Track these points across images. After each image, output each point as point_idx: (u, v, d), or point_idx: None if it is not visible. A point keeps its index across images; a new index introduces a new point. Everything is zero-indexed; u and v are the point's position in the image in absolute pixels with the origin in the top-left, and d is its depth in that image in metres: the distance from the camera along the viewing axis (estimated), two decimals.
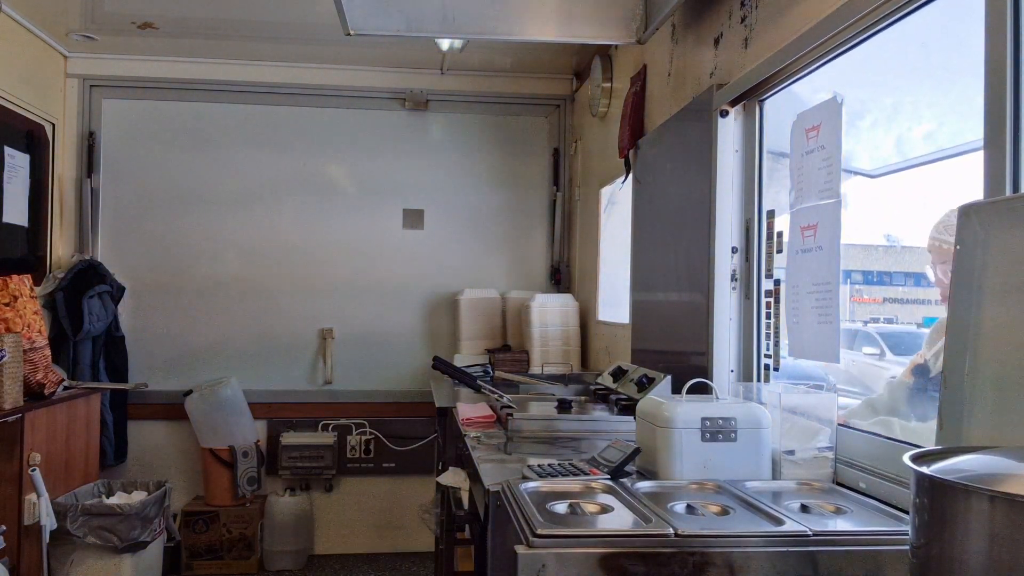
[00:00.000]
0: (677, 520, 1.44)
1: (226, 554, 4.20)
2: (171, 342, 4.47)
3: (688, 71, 2.78)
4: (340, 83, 4.58)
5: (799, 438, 1.85)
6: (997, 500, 0.87)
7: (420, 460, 4.58)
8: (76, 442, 3.73)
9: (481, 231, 4.69)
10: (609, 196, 3.92)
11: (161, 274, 4.47)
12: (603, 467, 1.84)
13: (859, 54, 1.86)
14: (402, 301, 4.63)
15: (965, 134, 1.57)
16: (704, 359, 2.42)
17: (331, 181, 4.59)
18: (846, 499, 1.65)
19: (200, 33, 4.11)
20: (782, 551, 1.36)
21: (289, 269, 4.55)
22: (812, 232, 1.91)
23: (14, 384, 3.21)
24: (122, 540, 3.47)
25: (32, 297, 3.54)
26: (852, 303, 2.48)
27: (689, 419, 1.82)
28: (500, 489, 1.70)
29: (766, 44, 2.17)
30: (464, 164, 4.68)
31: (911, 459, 1.01)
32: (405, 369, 4.61)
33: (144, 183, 4.47)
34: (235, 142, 4.53)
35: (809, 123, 1.93)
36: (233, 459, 4.20)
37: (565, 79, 4.72)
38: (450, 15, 2.87)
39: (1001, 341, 1.21)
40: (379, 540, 4.61)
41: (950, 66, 1.80)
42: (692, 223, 2.56)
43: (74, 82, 4.40)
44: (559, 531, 1.37)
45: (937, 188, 1.91)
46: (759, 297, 2.30)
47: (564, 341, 4.09)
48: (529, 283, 4.67)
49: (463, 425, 2.59)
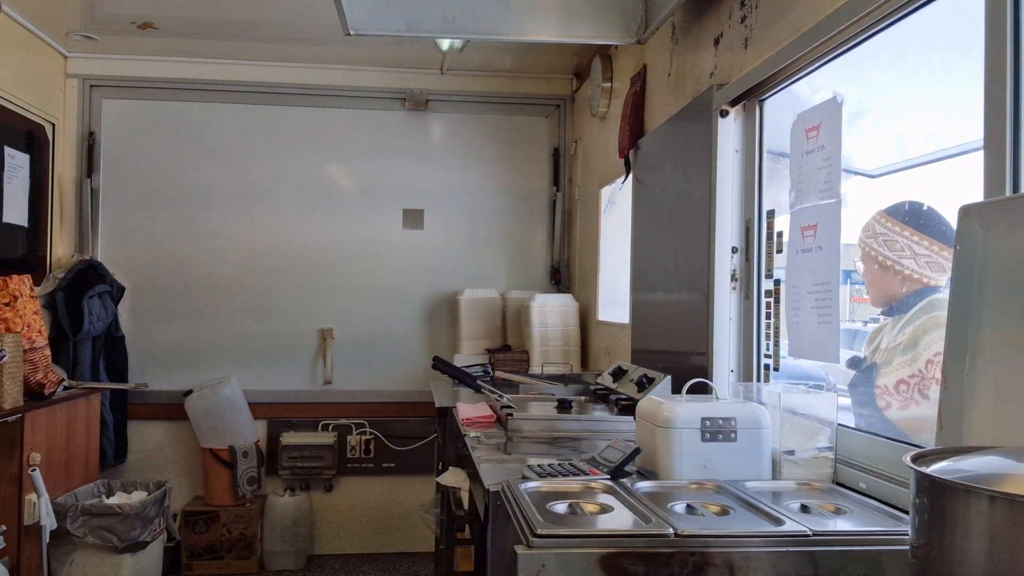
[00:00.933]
0: (677, 520, 1.44)
1: (226, 554, 4.20)
2: (171, 342, 4.47)
3: (688, 71, 2.78)
4: (340, 83, 4.58)
5: (799, 438, 1.85)
6: (997, 500, 0.87)
7: (420, 460, 4.58)
8: (76, 442, 3.73)
9: (481, 231, 4.69)
10: (609, 196, 3.92)
11: (161, 274, 4.47)
12: (603, 467, 1.84)
13: (859, 54, 1.86)
14: (402, 301, 4.63)
15: (965, 134, 1.57)
16: (704, 359, 2.42)
17: (331, 181, 4.59)
18: (846, 499, 1.65)
19: (200, 33, 4.11)
20: (782, 551, 1.37)
21: (289, 269, 4.55)
22: (812, 232, 1.91)
23: (14, 384, 3.21)
24: (122, 540, 3.47)
25: (32, 297, 3.54)
26: (852, 303, 2.48)
27: (689, 419, 1.82)
28: (500, 489, 1.70)
29: (766, 44, 2.17)
30: (464, 164, 4.68)
31: (911, 459, 1.01)
32: (405, 369, 4.61)
33: (144, 183, 4.47)
34: (235, 142, 4.53)
35: (809, 123, 1.93)
36: (233, 459, 4.20)
37: (565, 79, 4.72)
38: (450, 15, 2.87)
39: (1001, 341, 1.21)
40: (379, 540, 4.61)
41: (950, 66, 1.80)
42: (692, 223, 2.56)
43: (74, 82, 4.40)
44: (559, 531, 1.37)
45: (937, 188, 1.91)
46: (759, 297, 2.30)
47: (564, 341, 4.09)
48: (529, 283, 4.67)
49: (463, 425, 2.59)
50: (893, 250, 1.96)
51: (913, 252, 1.93)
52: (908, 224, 1.95)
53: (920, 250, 1.93)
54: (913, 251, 1.93)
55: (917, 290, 1.96)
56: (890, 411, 1.93)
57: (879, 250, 1.99)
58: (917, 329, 1.90)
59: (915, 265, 1.94)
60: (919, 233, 1.93)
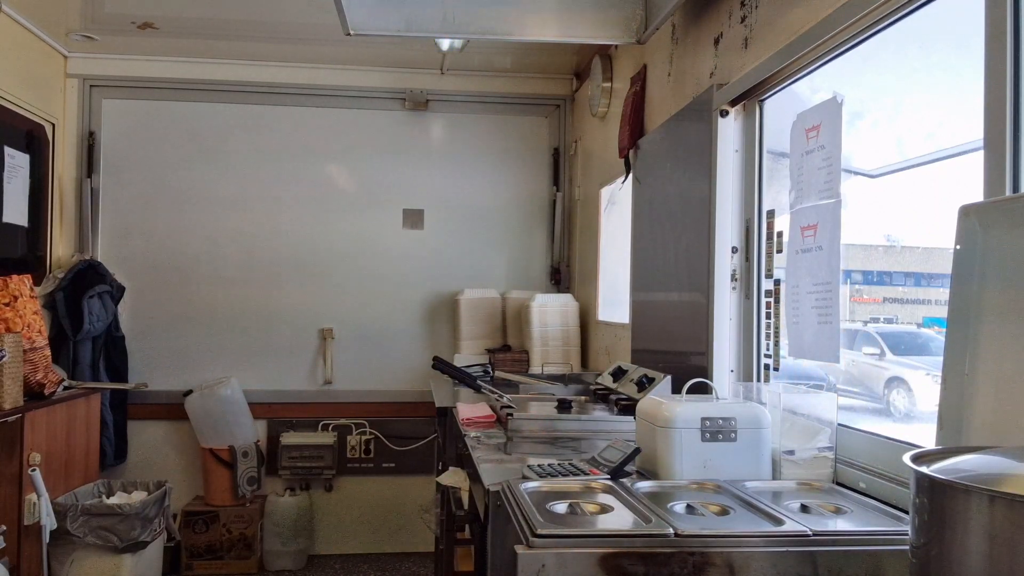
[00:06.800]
0: (677, 520, 1.44)
1: (226, 554, 4.20)
2: (171, 342, 4.47)
3: (688, 71, 2.78)
4: (340, 83, 4.58)
5: (799, 438, 1.85)
6: (997, 500, 0.87)
7: (420, 460, 4.58)
8: (76, 442, 3.73)
9: (481, 231, 4.69)
10: (609, 196, 3.92)
11: (161, 274, 4.47)
12: (603, 467, 1.84)
13: (859, 54, 1.86)
14: (402, 301, 4.63)
15: (965, 134, 1.57)
16: (704, 359, 2.42)
17: (331, 181, 4.59)
18: (846, 499, 1.65)
19: (200, 33, 4.11)
20: (782, 551, 1.36)
21: (289, 269, 4.55)
22: (812, 232, 1.91)
23: (14, 384, 3.21)
24: (122, 540, 3.47)
25: (32, 297, 3.54)
26: (852, 303, 2.48)
27: (689, 419, 1.82)
28: (500, 489, 1.70)
29: (766, 44, 2.17)
30: (464, 164, 4.68)
31: (911, 459, 1.01)
32: (405, 369, 4.61)
33: (144, 183, 4.47)
34: (235, 142, 4.53)
35: (809, 123, 1.93)
36: (233, 459, 4.20)
37: (565, 79, 4.72)
38: (450, 15, 2.87)
39: (1001, 341, 1.21)
40: (379, 540, 4.61)
41: (950, 66, 1.80)
42: (692, 223, 2.56)
43: (74, 82, 4.40)
44: (559, 531, 1.37)
45: (937, 188, 1.91)
46: (759, 297, 2.30)
47: (564, 341, 4.09)
48: (529, 283, 4.67)
49: (463, 425, 2.59)
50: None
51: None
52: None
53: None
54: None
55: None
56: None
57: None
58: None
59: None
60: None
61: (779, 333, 2.15)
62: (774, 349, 2.18)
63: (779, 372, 2.17)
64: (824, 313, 1.85)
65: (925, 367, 2.71)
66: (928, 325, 2.64)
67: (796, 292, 1.99)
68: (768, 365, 2.22)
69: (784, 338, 2.11)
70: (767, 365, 2.23)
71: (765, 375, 2.24)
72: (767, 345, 2.23)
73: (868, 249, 2.43)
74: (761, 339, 2.28)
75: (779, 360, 2.16)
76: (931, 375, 2.64)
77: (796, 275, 2.00)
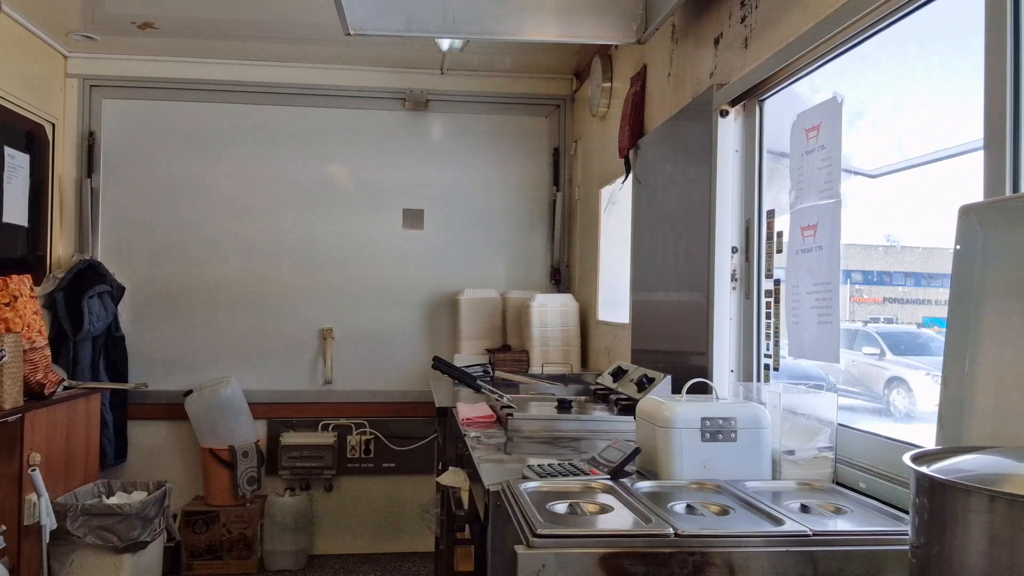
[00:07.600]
0: (677, 520, 1.44)
1: (226, 554, 4.20)
2: (171, 342, 4.47)
3: (688, 71, 2.78)
4: (340, 83, 4.58)
5: (799, 438, 1.85)
6: (997, 500, 0.87)
7: (420, 460, 4.58)
8: (76, 442, 3.73)
9: (481, 231, 4.69)
10: (609, 196, 3.92)
11: (161, 274, 4.47)
12: (603, 467, 1.84)
13: (859, 54, 1.86)
14: (402, 301, 4.63)
15: (965, 134, 1.57)
16: (704, 359, 2.42)
17: (331, 181, 4.59)
18: (846, 499, 1.65)
19: (200, 33, 4.11)
20: (782, 551, 1.36)
21: (289, 269, 4.56)
22: (812, 232, 1.91)
23: (14, 384, 3.21)
24: (122, 540, 3.47)
25: (32, 297, 3.54)
26: (852, 303, 2.48)
27: (689, 419, 1.82)
28: (500, 489, 1.70)
29: (766, 44, 2.17)
30: (464, 164, 4.68)
31: (911, 459, 1.01)
32: (405, 369, 4.61)
33: (144, 183, 4.47)
34: (235, 142, 4.53)
35: (809, 123, 1.93)
36: (233, 459, 4.20)
37: (565, 79, 4.72)
38: (450, 15, 2.87)
39: (1001, 341, 1.21)
40: (379, 540, 4.61)
41: (950, 66, 1.80)
42: (692, 223, 2.56)
43: (74, 82, 4.40)
44: (559, 531, 1.37)
45: (937, 188, 1.91)
46: (759, 297, 2.30)
47: (564, 341, 4.09)
48: (529, 283, 4.67)
49: (463, 425, 2.59)
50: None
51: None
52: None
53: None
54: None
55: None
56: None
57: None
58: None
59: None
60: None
61: (779, 333, 2.15)
62: (774, 349, 2.18)
63: (779, 372, 2.17)
64: (824, 313, 1.85)
65: (925, 367, 2.71)
66: (928, 325, 2.64)
67: (796, 292, 1.99)
68: (768, 365, 2.22)
69: (784, 338, 2.11)
70: (767, 365, 2.23)
71: (765, 375, 2.24)
72: (767, 345, 2.23)
73: (868, 249, 2.43)
74: (761, 339, 2.28)
75: (779, 360, 2.16)
76: (931, 375, 2.64)
77: (796, 275, 2.00)
